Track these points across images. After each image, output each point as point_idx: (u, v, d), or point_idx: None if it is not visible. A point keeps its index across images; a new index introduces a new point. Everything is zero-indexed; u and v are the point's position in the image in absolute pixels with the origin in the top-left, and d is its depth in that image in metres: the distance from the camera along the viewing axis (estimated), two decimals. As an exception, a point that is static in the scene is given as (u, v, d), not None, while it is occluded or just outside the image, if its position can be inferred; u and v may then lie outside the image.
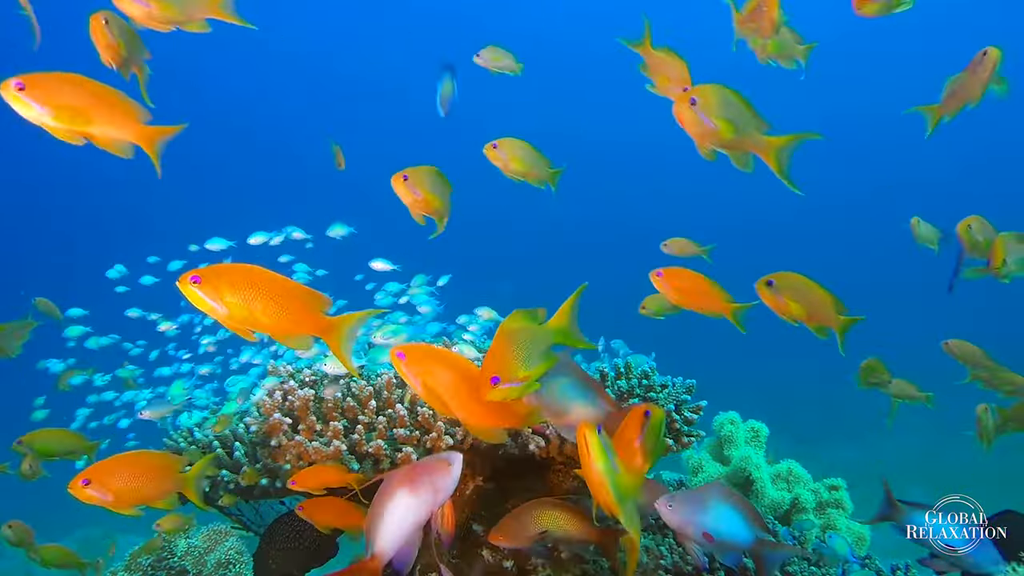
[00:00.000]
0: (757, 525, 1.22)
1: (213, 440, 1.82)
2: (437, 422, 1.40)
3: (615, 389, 1.54)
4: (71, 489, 1.12)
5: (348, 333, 0.98)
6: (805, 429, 5.56)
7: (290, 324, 0.94)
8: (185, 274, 0.91)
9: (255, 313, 0.92)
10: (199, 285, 0.90)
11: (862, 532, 2.17)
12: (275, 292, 0.93)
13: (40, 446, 1.64)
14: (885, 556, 2.02)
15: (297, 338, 0.96)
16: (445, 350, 1.05)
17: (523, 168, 1.42)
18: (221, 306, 0.91)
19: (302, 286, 0.96)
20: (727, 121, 1.07)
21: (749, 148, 1.12)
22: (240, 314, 0.92)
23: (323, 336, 0.97)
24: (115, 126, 1.00)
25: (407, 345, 1.00)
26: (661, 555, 1.55)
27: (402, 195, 1.32)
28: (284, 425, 1.42)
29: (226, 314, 0.91)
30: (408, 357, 0.96)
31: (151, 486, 1.18)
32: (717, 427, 2.32)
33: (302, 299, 0.94)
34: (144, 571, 1.82)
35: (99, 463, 1.16)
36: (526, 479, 1.55)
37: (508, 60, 1.72)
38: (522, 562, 1.47)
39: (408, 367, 0.96)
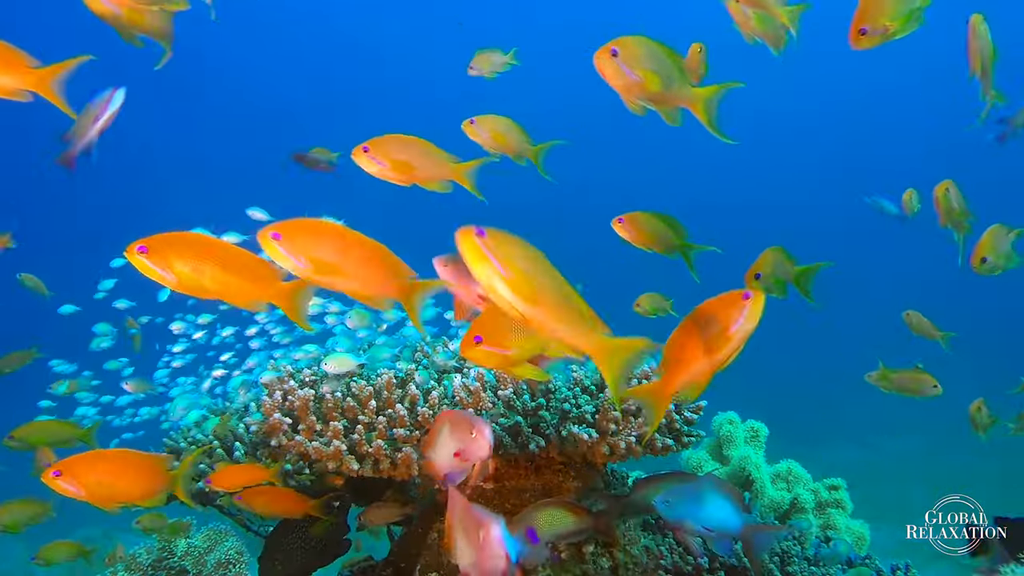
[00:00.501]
0: (744, 510, 1.23)
1: (213, 440, 1.82)
2: (437, 422, 1.40)
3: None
4: (43, 477, 1.11)
5: (301, 297, 0.99)
6: (805, 429, 5.56)
7: (241, 289, 0.95)
8: (132, 244, 0.91)
9: (205, 280, 0.93)
10: (147, 255, 0.90)
11: (862, 532, 2.17)
12: (224, 259, 0.93)
13: (34, 439, 1.62)
14: (885, 556, 2.02)
15: (250, 303, 0.98)
16: (319, 222, 0.99)
17: (503, 142, 1.41)
18: (170, 274, 0.91)
19: (251, 253, 0.96)
20: (652, 73, 1.03)
21: (677, 102, 1.08)
22: (190, 282, 0.92)
23: (277, 301, 0.98)
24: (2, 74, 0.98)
25: (279, 224, 0.93)
26: (661, 555, 1.56)
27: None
28: (284, 425, 1.42)
29: (175, 282, 0.92)
30: (283, 235, 0.91)
31: (129, 484, 1.17)
32: (716, 427, 2.32)
33: (251, 265, 0.95)
34: (144, 571, 1.82)
35: (77, 456, 1.15)
36: (526, 479, 1.55)
37: (498, 57, 1.70)
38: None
39: (284, 245, 0.91)
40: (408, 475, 1.42)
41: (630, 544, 1.57)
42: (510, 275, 0.80)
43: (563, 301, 0.83)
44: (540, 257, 0.82)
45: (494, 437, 1.09)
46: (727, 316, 0.89)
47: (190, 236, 0.94)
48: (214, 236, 0.97)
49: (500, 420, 1.41)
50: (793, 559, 1.74)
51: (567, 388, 1.47)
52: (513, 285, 0.80)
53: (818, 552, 1.78)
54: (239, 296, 0.96)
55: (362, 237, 0.94)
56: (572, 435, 1.41)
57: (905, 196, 1.94)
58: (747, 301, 0.88)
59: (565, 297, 0.83)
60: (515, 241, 0.81)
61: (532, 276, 0.81)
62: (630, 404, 1.52)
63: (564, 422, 1.41)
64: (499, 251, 0.80)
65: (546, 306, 0.82)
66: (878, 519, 2.38)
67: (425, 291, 0.98)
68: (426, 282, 0.98)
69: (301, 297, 0.99)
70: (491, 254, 0.79)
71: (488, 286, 0.80)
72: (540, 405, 1.42)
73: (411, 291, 0.96)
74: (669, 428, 1.52)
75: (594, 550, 1.54)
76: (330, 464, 1.39)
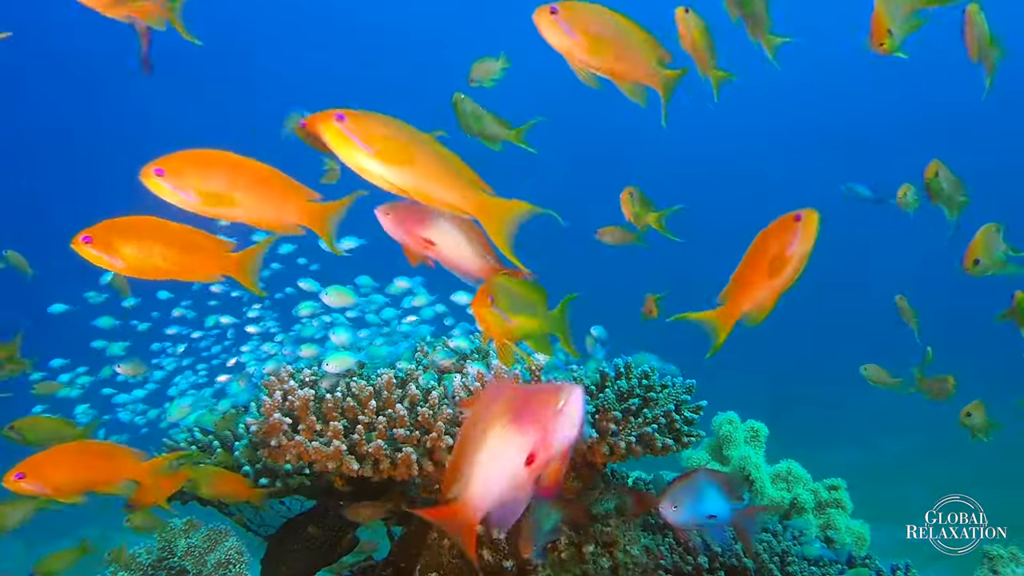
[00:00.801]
0: (733, 496, 1.24)
1: (213, 440, 1.82)
2: (437, 422, 1.40)
3: (615, 389, 1.54)
4: (5, 483, 1.11)
5: (251, 265, 1.00)
6: (805, 429, 5.56)
7: (190, 265, 0.96)
8: (76, 235, 0.91)
9: (153, 260, 0.93)
10: (92, 244, 0.91)
11: (862, 532, 2.17)
12: (169, 237, 0.94)
13: (30, 433, 1.62)
14: (885, 556, 2.02)
15: (201, 277, 0.99)
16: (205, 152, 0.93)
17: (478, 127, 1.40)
18: (118, 260, 0.92)
19: (195, 229, 0.97)
20: (593, 37, 0.97)
21: (638, 78, 1.04)
22: (138, 264, 0.93)
23: (228, 272, 0.99)
24: None
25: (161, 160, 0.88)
26: (661, 555, 1.56)
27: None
28: (284, 425, 1.42)
29: (124, 266, 0.93)
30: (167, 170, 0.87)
31: (94, 476, 1.16)
32: (716, 427, 2.32)
33: (197, 240, 0.96)
34: (144, 571, 1.82)
35: (39, 455, 1.14)
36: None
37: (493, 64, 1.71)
38: (522, 562, 1.47)
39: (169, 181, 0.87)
40: (408, 475, 1.42)
41: (630, 544, 1.57)
42: (375, 149, 0.80)
43: (438, 163, 0.83)
44: (408, 127, 0.82)
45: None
46: (783, 240, 0.92)
47: (133, 219, 0.95)
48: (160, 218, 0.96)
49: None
50: (792, 559, 1.74)
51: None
52: (381, 156, 0.80)
53: (810, 552, 1.78)
54: (189, 272, 0.97)
55: (254, 163, 0.92)
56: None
57: (900, 192, 1.94)
58: (799, 223, 0.91)
59: (441, 159, 0.83)
60: (377, 117, 0.81)
61: (400, 144, 0.81)
62: (630, 404, 1.52)
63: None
64: (360, 130, 0.80)
65: (420, 170, 0.82)
66: (878, 519, 2.38)
67: (333, 212, 0.95)
68: (332, 204, 0.95)
69: (251, 265, 1.00)
70: (352, 134, 0.80)
71: (357, 167, 0.81)
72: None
73: (316, 213, 0.94)
74: (669, 428, 1.52)
75: (594, 550, 1.54)
76: (330, 464, 1.39)
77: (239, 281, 1.00)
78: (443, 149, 0.84)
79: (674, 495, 1.22)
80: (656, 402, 1.52)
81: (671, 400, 1.53)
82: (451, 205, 0.85)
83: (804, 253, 0.91)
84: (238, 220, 0.92)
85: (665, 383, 1.59)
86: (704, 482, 1.23)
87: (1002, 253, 1.59)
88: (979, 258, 1.61)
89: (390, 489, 1.76)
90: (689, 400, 1.58)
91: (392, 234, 0.97)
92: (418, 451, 1.41)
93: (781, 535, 1.82)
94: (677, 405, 1.53)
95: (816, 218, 0.91)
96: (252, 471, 1.71)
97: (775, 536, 1.80)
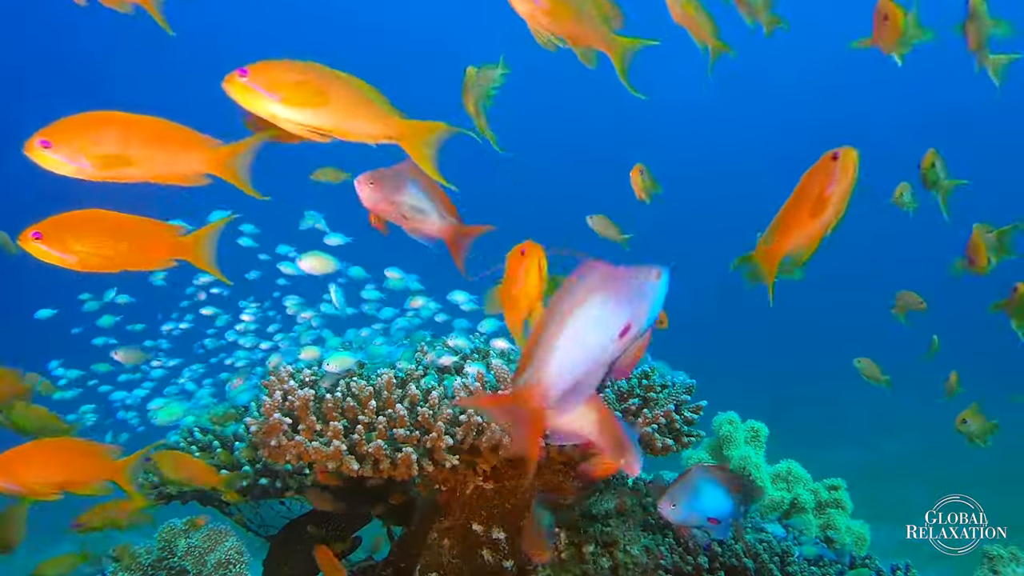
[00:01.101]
0: (733, 490, 1.24)
1: (213, 440, 1.82)
2: (437, 422, 1.40)
3: (614, 389, 1.55)
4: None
5: (206, 248, 1.00)
6: (805, 429, 5.55)
7: (142, 254, 0.96)
8: (25, 231, 0.90)
9: (105, 253, 0.93)
10: (43, 241, 0.90)
11: (862, 532, 2.17)
12: (119, 228, 0.94)
13: (17, 418, 1.59)
14: (885, 556, 2.02)
15: (153, 263, 0.99)
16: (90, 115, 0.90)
17: None
18: (70, 256, 0.92)
19: (144, 218, 0.97)
20: (554, 1, 0.98)
21: (593, 43, 1.05)
22: (90, 259, 0.93)
23: (181, 255, 0.99)
24: None
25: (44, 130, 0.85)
26: (661, 555, 1.56)
27: None
28: (284, 425, 1.42)
29: (76, 261, 0.92)
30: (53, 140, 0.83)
31: (68, 475, 1.14)
32: (717, 427, 2.32)
33: (148, 229, 0.96)
34: (144, 571, 1.82)
35: (11, 452, 1.12)
36: (526, 479, 1.55)
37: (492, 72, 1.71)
38: (522, 562, 1.47)
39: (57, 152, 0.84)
40: (408, 475, 1.42)
41: (630, 544, 1.57)
42: (281, 95, 0.80)
43: (352, 98, 0.83)
44: (317, 67, 0.82)
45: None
46: (822, 180, 0.91)
47: (81, 214, 0.94)
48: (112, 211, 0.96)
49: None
50: (792, 560, 1.74)
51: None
52: (289, 102, 0.80)
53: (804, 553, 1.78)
54: (141, 261, 0.97)
55: (147, 118, 0.88)
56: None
57: (897, 192, 1.93)
58: (836, 162, 0.90)
59: (354, 93, 0.83)
60: (281, 64, 0.81)
61: (309, 84, 0.81)
62: (630, 404, 1.52)
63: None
64: (264, 80, 0.80)
65: (334, 108, 0.82)
66: (878, 519, 2.38)
67: (238, 155, 0.91)
68: (235, 146, 0.91)
69: (204, 247, 1.00)
70: (257, 86, 0.80)
71: (270, 117, 0.81)
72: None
73: (221, 159, 0.90)
74: (669, 428, 1.52)
75: (594, 550, 1.54)
76: (330, 464, 1.39)
77: (195, 265, 0.99)
78: (356, 81, 0.83)
79: (670, 496, 1.22)
80: (656, 402, 1.52)
81: (671, 400, 1.53)
82: (371, 136, 0.85)
83: (843, 193, 0.91)
84: (141, 180, 0.89)
85: (665, 383, 1.59)
86: (703, 481, 1.22)
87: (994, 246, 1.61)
88: (974, 258, 1.62)
89: (390, 489, 1.76)
90: (689, 400, 1.58)
91: (369, 202, 0.97)
92: (418, 451, 1.41)
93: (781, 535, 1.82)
94: (677, 405, 1.53)
95: (854, 156, 0.90)
96: (252, 471, 1.71)
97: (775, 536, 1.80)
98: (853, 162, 0.90)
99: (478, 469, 1.52)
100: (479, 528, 1.51)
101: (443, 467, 1.42)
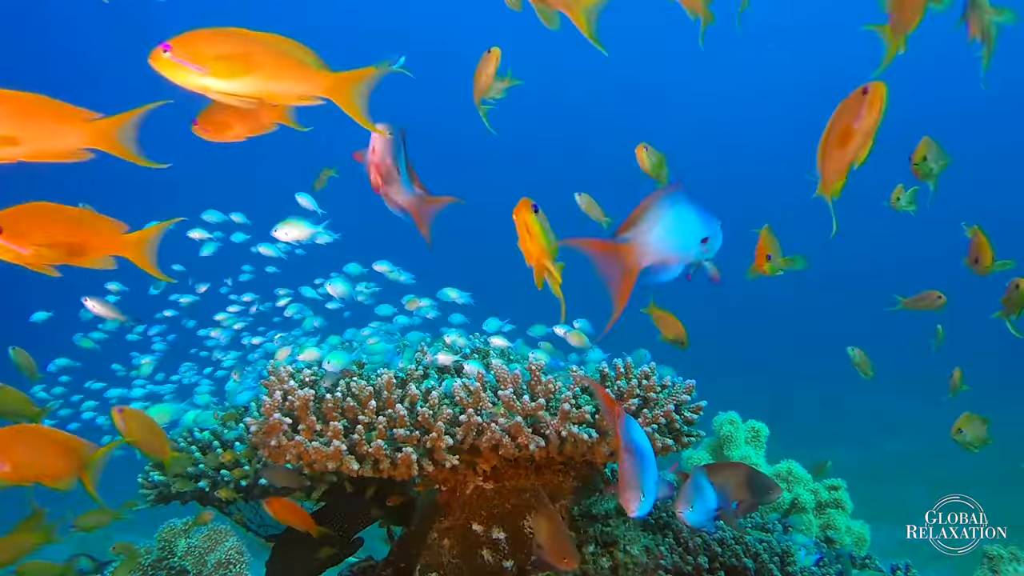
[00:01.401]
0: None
1: (213, 440, 1.82)
2: (437, 422, 1.40)
3: (615, 389, 1.54)
4: None
5: (148, 248, 1.00)
6: (805, 429, 5.55)
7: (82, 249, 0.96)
8: None
9: (54, 252, 0.93)
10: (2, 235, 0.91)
11: (862, 532, 2.17)
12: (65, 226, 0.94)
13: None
14: (885, 556, 2.03)
15: (95, 261, 0.99)
16: None
17: None
18: (25, 249, 0.92)
19: (89, 211, 0.97)
20: None
21: (555, 4, 1.07)
22: (36, 260, 0.93)
23: (125, 254, 0.99)
24: None
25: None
26: (661, 555, 1.56)
27: None
28: (284, 425, 1.42)
29: (29, 254, 0.92)
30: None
31: (42, 464, 1.12)
32: (717, 427, 2.32)
33: (95, 225, 0.97)
34: (144, 571, 1.82)
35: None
36: (526, 479, 1.55)
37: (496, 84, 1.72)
38: (522, 562, 1.47)
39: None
40: (408, 475, 1.42)
41: (630, 544, 1.57)
42: (207, 68, 0.80)
43: (279, 61, 0.83)
44: (241, 32, 0.82)
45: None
46: (851, 113, 0.93)
47: (33, 208, 0.94)
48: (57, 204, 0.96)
49: (500, 420, 1.41)
50: (792, 560, 1.74)
51: (567, 388, 1.47)
52: (217, 74, 0.81)
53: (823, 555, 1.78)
54: (80, 257, 0.97)
55: (14, 92, 0.86)
56: (572, 435, 1.41)
57: (893, 196, 1.93)
58: (865, 96, 0.92)
59: (280, 56, 0.83)
60: (204, 35, 0.81)
61: (233, 56, 0.81)
62: (630, 404, 1.52)
63: (564, 422, 1.41)
64: (188, 53, 0.80)
65: (262, 74, 0.82)
66: (878, 519, 2.38)
67: (118, 127, 0.89)
68: (113, 120, 0.89)
69: (147, 246, 1.00)
70: (181, 60, 0.80)
71: (199, 90, 0.82)
72: (540, 405, 1.42)
73: (101, 133, 0.88)
74: (669, 428, 1.52)
75: (594, 550, 1.54)
76: (330, 464, 1.39)
77: (136, 264, 0.99)
78: (282, 42, 0.83)
79: (683, 499, 1.22)
80: (656, 402, 1.52)
81: (671, 400, 1.52)
82: (301, 95, 0.86)
83: (870, 126, 0.92)
84: (18, 159, 0.87)
85: (665, 383, 1.59)
86: (703, 481, 1.23)
87: None
88: (979, 257, 1.61)
89: (390, 489, 1.76)
90: (689, 400, 1.58)
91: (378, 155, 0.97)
92: (418, 451, 1.40)
93: (780, 535, 1.82)
94: (677, 405, 1.53)
95: (882, 90, 0.91)
96: (252, 471, 1.71)
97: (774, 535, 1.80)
98: (881, 97, 0.91)
99: (478, 469, 1.52)
100: (479, 528, 1.50)
101: (443, 467, 1.42)
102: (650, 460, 1.00)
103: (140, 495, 1.82)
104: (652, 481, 1.00)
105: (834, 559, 1.86)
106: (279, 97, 0.85)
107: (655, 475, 1.02)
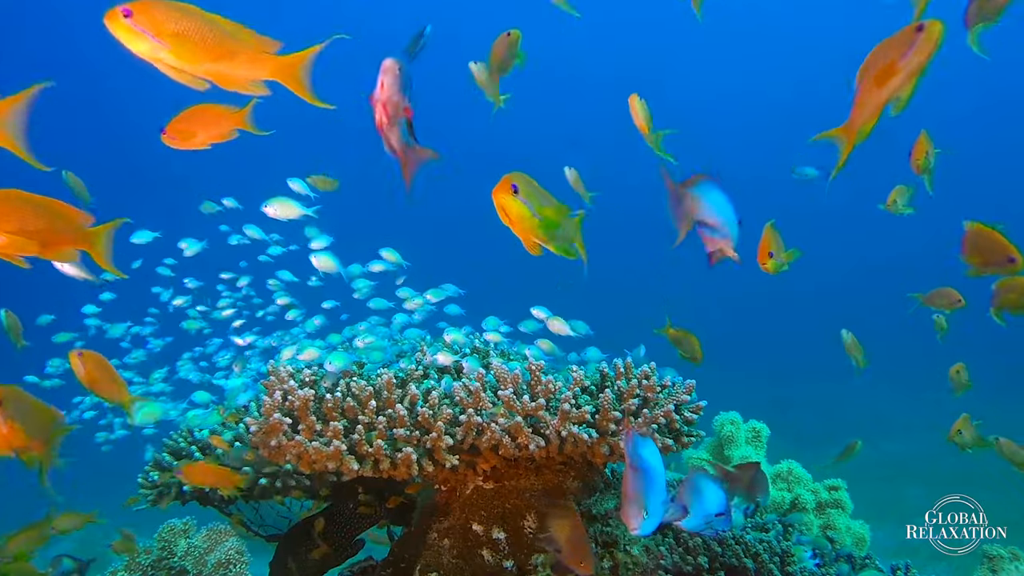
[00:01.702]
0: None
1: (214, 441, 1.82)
2: (437, 422, 1.40)
3: (615, 389, 1.54)
4: None
5: (105, 243, 1.02)
6: (805, 429, 5.55)
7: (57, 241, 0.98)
8: None
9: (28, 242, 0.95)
10: None
11: (862, 532, 2.17)
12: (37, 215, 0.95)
13: None
14: (885, 556, 2.02)
15: (60, 252, 1.00)
16: None
17: None
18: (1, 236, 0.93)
19: (52, 202, 0.98)
20: None
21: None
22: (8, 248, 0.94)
23: (86, 247, 1.01)
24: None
25: None
26: (661, 555, 1.56)
27: None
28: (284, 425, 1.42)
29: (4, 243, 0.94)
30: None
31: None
32: (718, 427, 2.32)
33: (65, 215, 0.98)
34: (144, 571, 1.82)
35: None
36: (525, 479, 1.55)
37: None
38: (522, 562, 1.47)
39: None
40: (408, 475, 1.42)
41: (630, 544, 1.57)
42: (168, 45, 0.82)
43: (231, 40, 0.85)
44: (194, 10, 0.83)
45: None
46: (898, 49, 0.87)
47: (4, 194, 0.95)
48: None
49: (500, 420, 1.41)
50: (792, 560, 1.74)
51: (567, 388, 1.47)
52: (175, 53, 0.82)
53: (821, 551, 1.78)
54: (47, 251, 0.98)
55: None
56: (572, 435, 1.41)
57: (890, 199, 1.92)
58: (919, 34, 0.85)
59: (232, 36, 0.85)
60: (160, 7, 0.82)
61: (190, 31, 0.83)
62: (630, 404, 1.52)
63: (564, 422, 1.41)
64: (151, 25, 0.81)
65: (215, 52, 0.84)
66: (878, 519, 2.38)
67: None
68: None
69: (105, 239, 1.02)
70: (142, 29, 0.81)
71: (151, 59, 0.82)
72: (540, 405, 1.42)
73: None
74: (669, 428, 1.52)
75: (594, 550, 1.54)
76: (330, 464, 1.39)
77: (94, 258, 1.01)
78: (233, 26, 0.85)
79: (683, 504, 1.22)
80: (656, 402, 1.51)
81: (671, 400, 1.52)
82: (248, 78, 0.88)
83: (918, 65, 0.85)
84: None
85: (665, 383, 1.59)
86: (704, 483, 1.23)
87: None
88: (973, 261, 1.61)
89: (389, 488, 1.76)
90: (689, 400, 1.58)
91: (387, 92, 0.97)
92: (418, 451, 1.40)
93: (780, 535, 1.82)
94: (677, 405, 1.53)
95: (939, 29, 0.84)
96: (252, 471, 1.71)
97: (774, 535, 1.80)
98: (937, 35, 0.84)
99: (478, 469, 1.52)
100: (479, 528, 1.50)
101: (443, 467, 1.42)
102: (658, 480, 0.99)
103: (140, 494, 1.82)
104: (659, 501, 0.98)
105: (834, 559, 1.86)
106: (228, 79, 0.86)
107: (663, 495, 0.99)
